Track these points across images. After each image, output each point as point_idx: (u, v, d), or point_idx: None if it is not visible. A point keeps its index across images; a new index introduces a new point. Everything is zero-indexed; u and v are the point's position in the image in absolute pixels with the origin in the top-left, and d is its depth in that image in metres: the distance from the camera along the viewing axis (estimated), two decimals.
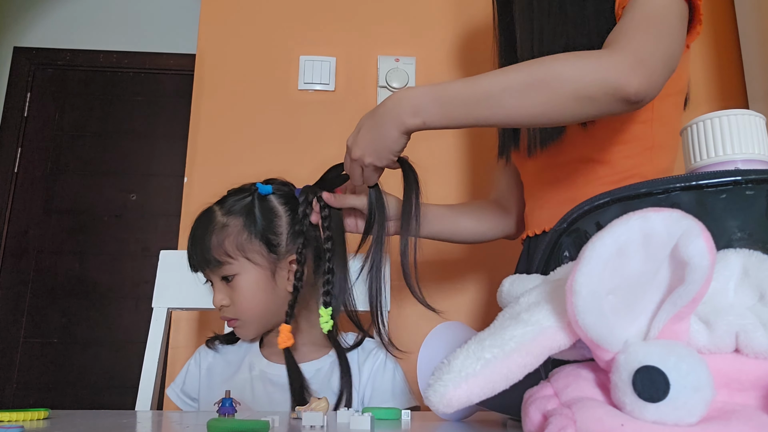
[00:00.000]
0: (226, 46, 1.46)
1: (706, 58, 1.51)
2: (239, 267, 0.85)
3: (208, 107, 1.43)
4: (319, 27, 1.49)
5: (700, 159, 0.43)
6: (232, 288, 0.86)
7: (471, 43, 1.50)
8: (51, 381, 2.50)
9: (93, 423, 0.62)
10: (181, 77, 2.73)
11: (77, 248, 2.65)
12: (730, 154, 0.42)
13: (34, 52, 2.80)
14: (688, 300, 0.30)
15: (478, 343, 0.34)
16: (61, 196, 2.69)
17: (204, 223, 0.88)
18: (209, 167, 1.40)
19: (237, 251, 0.85)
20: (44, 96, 2.77)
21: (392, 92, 1.40)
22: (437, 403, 0.33)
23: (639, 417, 0.30)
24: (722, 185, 0.37)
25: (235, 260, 0.85)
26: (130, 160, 2.75)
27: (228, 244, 0.85)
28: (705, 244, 0.29)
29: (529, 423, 0.34)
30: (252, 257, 0.86)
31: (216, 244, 0.85)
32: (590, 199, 0.41)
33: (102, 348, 2.54)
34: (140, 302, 2.58)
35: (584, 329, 0.32)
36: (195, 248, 0.87)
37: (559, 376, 0.36)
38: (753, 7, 1.40)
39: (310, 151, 1.42)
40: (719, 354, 0.33)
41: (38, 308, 2.58)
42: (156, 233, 2.66)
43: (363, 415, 0.51)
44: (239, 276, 0.86)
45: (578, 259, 0.31)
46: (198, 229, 0.88)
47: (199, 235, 0.87)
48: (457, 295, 1.38)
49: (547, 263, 0.44)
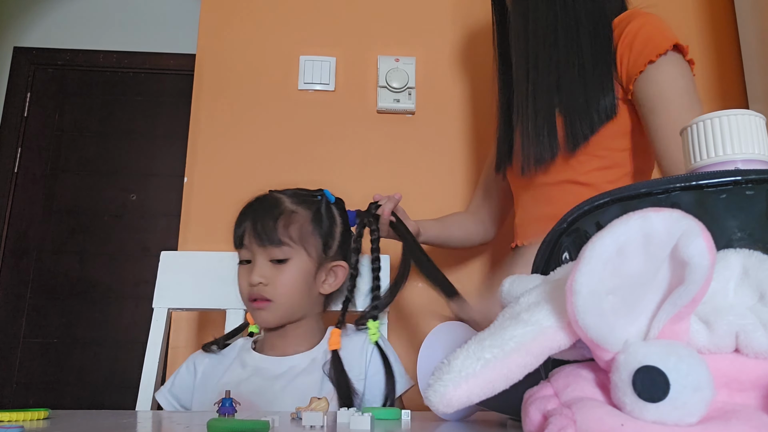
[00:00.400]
0: (226, 46, 1.46)
1: (706, 58, 1.51)
2: (295, 253, 0.91)
3: (208, 107, 1.43)
4: (319, 27, 1.49)
5: (700, 159, 0.43)
6: (278, 271, 0.90)
7: (471, 43, 1.50)
8: (51, 381, 2.50)
9: (93, 423, 0.62)
10: (181, 77, 2.73)
11: (77, 248, 2.65)
12: (730, 154, 0.42)
13: (34, 52, 2.80)
14: (688, 300, 0.30)
15: (478, 343, 0.34)
16: (61, 196, 2.69)
17: (269, 204, 0.93)
18: (209, 167, 1.40)
19: (299, 238, 0.92)
20: (44, 96, 2.77)
21: (392, 91, 1.41)
22: (437, 403, 0.33)
23: (639, 417, 0.30)
24: (722, 185, 0.37)
25: (294, 246, 0.91)
26: (130, 160, 2.75)
27: (293, 230, 0.91)
28: (705, 244, 0.29)
29: (529, 423, 0.34)
30: (309, 249, 0.93)
31: (282, 225, 0.91)
32: (590, 199, 0.41)
33: (102, 348, 2.54)
34: (140, 302, 2.58)
35: (584, 329, 0.32)
36: (259, 224, 0.91)
37: (559, 376, 0.36)
38: (753, 7, 1.40)
39: (310, 151, 1.42)
40: (719, 354, 0.33)
41: (38, 308, 2.58)
42: (156, 233, 2.66)
43: (363, 415, 0.51)
44: (291, 261, 0.91)
45: (578, 259, 0.31)
46: (261, 208, 0.93)
47: (264, 213, 0.92)
48: None
49: (547, 263, 0.44)
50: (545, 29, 0.94)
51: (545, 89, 0.93)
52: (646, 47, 0.87)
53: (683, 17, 1.52)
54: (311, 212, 0.95)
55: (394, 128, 1.44)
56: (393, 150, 1.43)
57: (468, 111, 1.47)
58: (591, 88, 0.90)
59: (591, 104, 0.90)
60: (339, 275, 0.97)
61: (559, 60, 0.92)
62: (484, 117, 1.46)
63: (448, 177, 1.42)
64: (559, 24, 0.93)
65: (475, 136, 1.46)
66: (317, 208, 0.96)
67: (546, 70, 0.93)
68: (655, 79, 0.86)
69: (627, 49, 0.89)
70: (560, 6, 0.93)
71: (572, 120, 0.91)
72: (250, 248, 0.92)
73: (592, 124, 0.90)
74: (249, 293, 0.91)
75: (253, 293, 0.91)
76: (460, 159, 1.44)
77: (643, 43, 0.87)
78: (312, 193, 0.99)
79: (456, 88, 1.48)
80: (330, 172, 1.41)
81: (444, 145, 1.44)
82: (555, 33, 0.93)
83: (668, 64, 0.86)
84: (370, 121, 1.44)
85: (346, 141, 1.43)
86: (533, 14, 0.96)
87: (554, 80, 0.92)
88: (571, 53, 0.91)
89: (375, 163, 1.42)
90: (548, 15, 0.94)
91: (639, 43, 0.88)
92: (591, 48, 0.91)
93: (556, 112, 0.92)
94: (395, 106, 1.43)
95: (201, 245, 1.34)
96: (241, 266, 0.94)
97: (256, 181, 1.26)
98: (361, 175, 1.41)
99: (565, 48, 0.92)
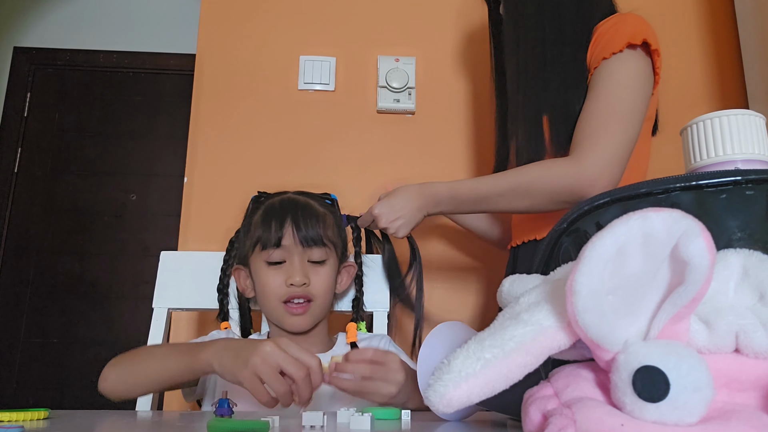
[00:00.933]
0: (226, 46, 1.46)
1: (706, 58, 1.51)
2: (330, 255, 0.95)
3: (208, 107, 1.43)
4: (319, 27, 1.49)
5: (700, 159, 0.43)
6: (315, 272, 0.92)
7: (471, 43, 1.50)
8: (51, 381, 2.50)
9: (93, 423, 0.62)
10: (181, 77, 2.73)
11: (77, 248, 2.65)
12: (730, 154, 0.42)
13: (34, 52, 2.80)
14: (688, 300, 0.30)
15: (478, 343, 0.34)
16: (61, 196, 2.69)
17: (304, 206, 0.95)
18: (209, 167, 1.40)
19: (332, 241, 0.95)
20: (44, 96, 2.77)
21: (392, 91, 1.40)
22: (437, 403, 0.33)
23: (639, 417, 0.30)
24: (722, 185, 0.37)
25: (330, 247, 0.95)
26: (130, 160, 2.75)
27: (330, 233, 0.95)
28: (705, 244, 0.29)
29: (529, 423, 0.34)
30: (337, 250, 0.97)
31: (323, 228, 0.94)
32: (590, 199, 0.41)
33: (102, 348, 2.54)
34: (140, 302, 2.58)
35: (584, 329, 0.32)
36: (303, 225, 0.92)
37: (559, 376, 0.36)
38: (753, 7, 1.40)
39: (310, 151, 1.42)
40: (719, 354, 0.33)
41: (38, 308, 2.58)
42: (156, 233, 2.66)
43: (363, 415, 0.51)
44: (327, 262, 0.94)
45: (578, 259, 0.31)
46: (301, 210, 0.94)
47: (306, 215, 0.93)
48: (457, 295, 1.38)
49: (547, 263, 0.44)
50: (534, 40, 0.99)
51: (533, 97, 0.98)
52: (607, 45, 0.91)
53: (683, 17, 1.52)
54: (334, 216, 0.99)
55: (394, 128, 1.44)
56: (393, 150, 1.43)
57: (468, 111, 1.47)
58: (572, 92, 0.95)
59: (571, 108, 0.94)
60: (350, 275, 1.01)
61: (545, 68, 0.97)
62: (484, 117, 1.46)
63: (447, 177, 1.41)
64: (546, 35, 0.98)
65: (475, 136, 1.46)
66: (333, 211, 1.00)
67: (534, 78, 0.98)
68: (601, 72, 0.91)
69: (593, 48, 0.94)
70: (548, 19, 0.98)
71: (557, 125, 0.95)
72: (290, 249, 0.91)
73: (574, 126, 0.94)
74: (287, 294, 0.90)
75: (294, 293, 0.90)
76: (460, 159, 1.44)
77: (606, 41, 0.92)
78: (321, 196, 1.02)
79: (456, 88, 1.48)
80: (330, 172, 1.41)
81: (444, 145, 1.44)
82: (543, 43, 0.98)
83: (619, 60, 0.90)
84: (370, 121, 1.45)
85: (346, 141, 1.43)
86: (524, 28, 1.01)
87: (542, 88, 0.97)
88: (556, 62, 0.97)
89: (375, 163, 1.42)
90: (536, 28, 0.99)
91: (603, 41, 0.93)
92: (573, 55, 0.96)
93: (543, 119, 0.97)
94: (395, 106, 1.43)
95: (201, 245, 1.34)
96: (272, 267, 0.92)
97: (256, 181, 1.26)
98: (361, 175, 1.41)
99: (551, 57, 0.97)
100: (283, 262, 0.91)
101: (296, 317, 0.91)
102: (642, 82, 0.91)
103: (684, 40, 1.50)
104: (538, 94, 0.97)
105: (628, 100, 0.89)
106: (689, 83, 1.48)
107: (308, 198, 0.98)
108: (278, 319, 0.93)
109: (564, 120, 0.95)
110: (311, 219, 0.92)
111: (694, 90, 1.49)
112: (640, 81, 0.91)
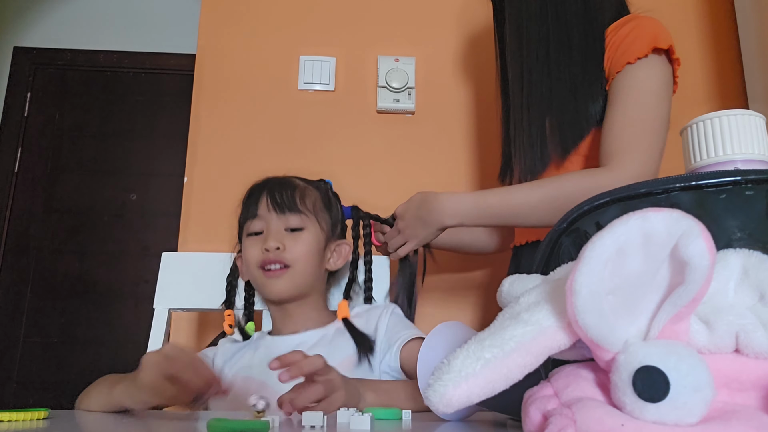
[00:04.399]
0: (226, 46, 1.46)
1: (706, 58, 1.51)
2: (309, 223, 0.95)
3: (208, 107, 1.43)
4: (319, 27, 1.49)
5: (699, 159, 0.43)
6: (294, 238, 0.93)
7: (471, 43, 1.50)
8: (51, 381, 2.50)
9: (93, 423, 0.62)
10: (181, 77, 2.73)
11: (77, 248, 2.65)
12: (730, 154, 0.42)
13: (34, 52, 2.80)
14: (688, 300, 0.30)
15: (478, 343, 0.34)
16: (61, 196, 2.69)
17: (285, 181, 0.98)
18: (209, 167, 1.40)
19: (313, 211, 0.96)
20: (44, 96, 2.77)
21: (392, 91, 1.41)
22: (437, 403, 0.33)
23: (639, 417, 0.30)
24: (722, 185, 0.37)
25: (309, 216, 0.95)
26: (130, 160, 2.75)
27: (309, 202, 0.96)
28: (705, 244, 0.29)
29: (529, 423, 0.34)
30: (321, 222, 0.97)
31: (299, 197, 0.95)
32: (590, 199, 0.41)
33: (102, 348, 2.54)
34: (140, 302, 2.58)
35: (584, 329, 0.32)
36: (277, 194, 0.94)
37: (559, 376, 0.36)
38: (753, 7, 1.40)
39: (310, 151, 1.42)
40: (719, 354, 0.33)
41: (38, 308, 2.58)
42: (156, 233, 2.66)
43: (363, 415, 0.51)
44: (306, 230, 0.94)
45: (578, 259, 0.31)
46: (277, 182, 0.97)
47: (282, 185, 0.96)
48: (457, 295, 1.38)
49: (547, 263, 0.44)
50: (537, 43, 0.98)
51: (538, 101, 0.97)
52: (629, 49, 0.90)
53: (683, 17, 1.52)
54: (320, 194, 1.00)
55: (394, 128, 1.44)
56: (393, 150, 1.43)
57: (468, 111, 1.47)
58: (581, 96, 0.94)
59: (580, 112, 0.94)
60: (343, 254, 1.00)
61: (550, 72, 0.96)
62: (484, 117, 1.46)
63: (447, 177, 1.42)
64: (551, 37, 0.97)
65: (475, 136, 1.46)
66: (325, 191, 1.01)
67: (539, 83, 0.97)
68: (627, 77, 0.90)
69: (613, 52, 0.93)
70: (552, 19, 0.97)
71: (562, 129, 0.95)
72: (266, 218, 0.93)
73: (581, 131, 0.94)
74: (263, 259, 0.91)
75: (269, 258, 0.90)
76: (459, 159, 1.44)
77: (627, 45, 0.91)
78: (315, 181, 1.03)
79: (456, 88, 1.48)
80: (330, 172, 1.40)
81: (444, 145, 1.44)
82: (547, 46, 0.97)
83: (645, 66, 0.90)
84: (370, 121, 1.45)
85: (346, 141, 1.43)
86: (527, 29, 1.00)
87: (547, 92, 0.96)
88: (563, 65, 0.95)
89: (375, 163, 1.42)
90: (540, 29, 0.98)
91: (624, 45, 0.91)
92: (582, 58, 0.95)
93: (546, 122, 0.96)
94: (395, 106, 1.43)
95: (201, 245, 1.34)
96: (251, 238, 0.94)
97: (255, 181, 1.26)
98: (361, 175, 1.41)
99: (557, 61, 0.96)
100: (260, 232, 0.93)
101: (274, 281, 0.91)
102: (668, 89, 0.92)
103: (684, 40, 1.50)
104: (543, 99, 0.96)
105: (660, 109, 0.89)
106: (689, 83, 1.48)
107: (294, 178, 1.00)
108: (260, 287, 0.94)
109: (572, 125, 0.94)
110: (287, 189, 0.95)
111: (694, 90, 1.49)
112: (668, 89, 0.91)
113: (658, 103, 0.89)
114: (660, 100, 0.89)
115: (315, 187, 1.00)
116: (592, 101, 0.93)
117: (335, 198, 1.04)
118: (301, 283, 0.93)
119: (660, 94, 0.90)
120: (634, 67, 0.89)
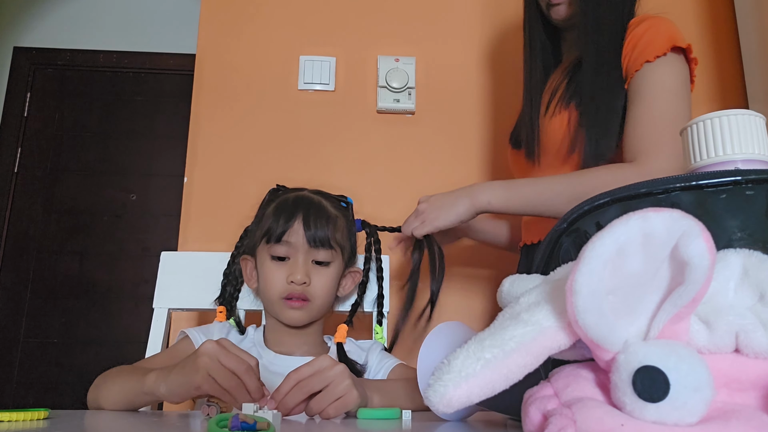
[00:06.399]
0: (226, 46, 1.46)
1: (706, 58, 1.51)
2: (336, 257, 0.94)
3: (208, 107, 1.43)
4: (319, 27, 1.49)
5: (700, 159, 0.43)
6: (318, 272, 0.92)
7: (471, 43, 1.50)
8: (51, 381, 2.50)
9: (93, 423, 0.62)
10: (181, 77, 2.73)
11: (77, 248, 2.65)
12: (730, 154, 0.42)
13: (34, 52, 2.80)
14: (688, 300, 0.30)
15: (478, 343, 0.34)
16: (61, 196, 2.69)
17: (317, 206, 0.94)
18: (209, 167, 1.40)
19: (340, 244, 0.95)
20: (44, 96, 2.77)
21: (392, 91, 1.41)
22: (437, 403, 0.33)
23: (639, 417, 0.30)
24: (722, 185, 0.37)
25: (337, 250, 0.94)
26: (130, 160, 2.75)
27: (339, 236, 0.95)
28: (705, 244, 0.29)
29: (529, 423, 0.34)
30: (344, 254, 0.96)
31: (332, 230, 0.93)
32: (590, 199, 0.41)
33: (102, 348, 2.54)
34: (140, 302, 2.58)
35: (584, 329, 0.32)
36: (313, 225, 0.91)
37: (559, 376, 0.36)
38: (753, 7, 1.40)
39: (310, 151, 1.42)
40: (719, 354, 0.33)
41: (38, 308, 2.58)
42: (156, 233, 2.66)
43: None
44: (332, 264, 0.94)
45: (578, 259, 0.31)
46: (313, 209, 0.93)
47: (318, 215, 0.93)
48: (457, 295, 1.38)
49: (547, 263, 0.44)
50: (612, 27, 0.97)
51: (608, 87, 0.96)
52: (647, 48, 0.91)
53: (683, 17, 1.52)
54: (346, 220, 0.99)
55: (394, 128, 1.45)
56: (393, 150, 1.43)
57: (468, 111, 1.47)
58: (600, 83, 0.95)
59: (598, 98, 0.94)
60: (354, 280, 1.01)
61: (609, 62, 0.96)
62: (484, 117, 1.46)
63: (447, 177, 1.42)
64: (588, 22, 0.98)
65: (475, 135, 1.46)
66: (346, 215, 1.00)
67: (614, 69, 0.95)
68: (647, 76, 0.91)
69: (630, 50, 0.93)
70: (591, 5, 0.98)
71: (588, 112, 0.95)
72: (295, 246, 0.91)
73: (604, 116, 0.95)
74: (288, 291, 0.90)
75: (294, 292, 0.90)
76: (459, 159, 1.44)
77: (645, 43, 0.91)
78: (337, 198, 1.02)
79: (456, 88, 1.48)
80: (330, 172, 1.41)
81: (444, 145, 1.44)
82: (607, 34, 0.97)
83: (665, 64, 0.90)
84: (370, 121, 1.45)
85: (346, 141, 1.43)
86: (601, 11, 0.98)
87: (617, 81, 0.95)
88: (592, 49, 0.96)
89: (375, 163, 1.42)
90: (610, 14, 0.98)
91: (642, 43, 0.92)
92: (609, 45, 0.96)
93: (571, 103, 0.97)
94: (395, 106, 1.43)
95: (201, 245, 1.34)
96: (276, 263, 0.92)
97: (256, 182, 1.26)
98: (361, 175, 1.41)
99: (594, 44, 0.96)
100: (287, 258, 0.92)
101: (294, 311, 0.91)
102: (688, 87, 0.93)
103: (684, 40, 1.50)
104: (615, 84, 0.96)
105: (682, 108, 0.91)
106: None
107: (322, 198, 0.97)
108: (277, 311, 0.93)
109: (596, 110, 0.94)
110: (321, 219, 0.92)
111: (694, 90, 1.48)
112: (688, 87, 0.93)
113: (680, 101, 0.90)
114: (681, 98, 0.91)
115: (342, 214, 0.98)
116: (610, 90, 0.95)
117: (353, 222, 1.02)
118: (317, 314, 0.95)
119: (680, 92, 0.91)
120: (653, 65, 0.90)
